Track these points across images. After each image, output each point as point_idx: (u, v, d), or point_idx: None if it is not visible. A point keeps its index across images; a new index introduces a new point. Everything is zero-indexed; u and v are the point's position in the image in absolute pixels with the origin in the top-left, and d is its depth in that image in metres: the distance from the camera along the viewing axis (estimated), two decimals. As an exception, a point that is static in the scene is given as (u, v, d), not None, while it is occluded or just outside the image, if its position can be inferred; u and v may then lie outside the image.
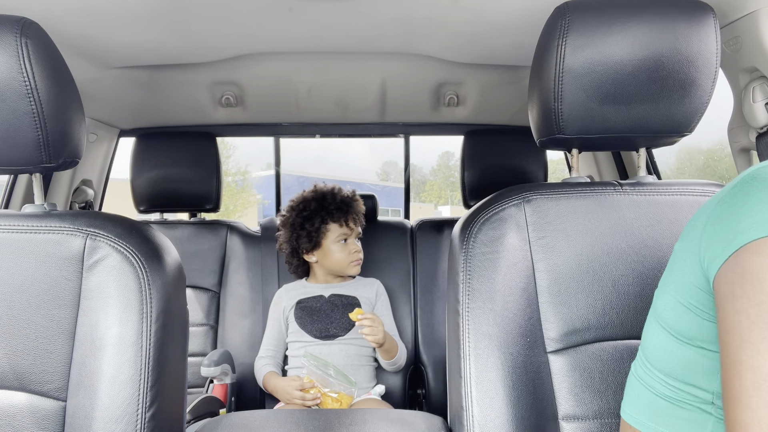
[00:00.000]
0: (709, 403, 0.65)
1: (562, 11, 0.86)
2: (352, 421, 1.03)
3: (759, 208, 0.58)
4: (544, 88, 0.89)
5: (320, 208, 1.60)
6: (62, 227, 0.84)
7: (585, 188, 0.93)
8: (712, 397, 0.64)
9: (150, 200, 1.86)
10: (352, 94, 1.77)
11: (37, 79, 0.80)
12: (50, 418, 0.80)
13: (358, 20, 1.23)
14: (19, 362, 0.81)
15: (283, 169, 2.34)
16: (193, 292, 1.77)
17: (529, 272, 0.88)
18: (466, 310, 0.86)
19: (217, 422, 1.05)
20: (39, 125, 0.81)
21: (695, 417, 0.66)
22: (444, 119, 2.01)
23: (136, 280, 0.82)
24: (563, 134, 0.90)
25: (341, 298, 1.62)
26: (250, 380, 1.66)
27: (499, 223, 0.89)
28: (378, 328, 1.44)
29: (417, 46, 1.40)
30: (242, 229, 1.89)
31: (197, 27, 1.24)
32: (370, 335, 1.43)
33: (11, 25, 0.79)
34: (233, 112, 1.87)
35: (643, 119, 0.88)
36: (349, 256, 1.61)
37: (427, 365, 1.73)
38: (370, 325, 1.43)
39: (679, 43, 0.84)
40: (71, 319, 0.81)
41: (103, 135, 1.98)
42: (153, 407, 0.80)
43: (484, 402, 0.82)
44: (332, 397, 1.41)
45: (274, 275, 1.80)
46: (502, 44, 1.36)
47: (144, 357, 0.80)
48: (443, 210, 31.88)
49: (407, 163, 2.28)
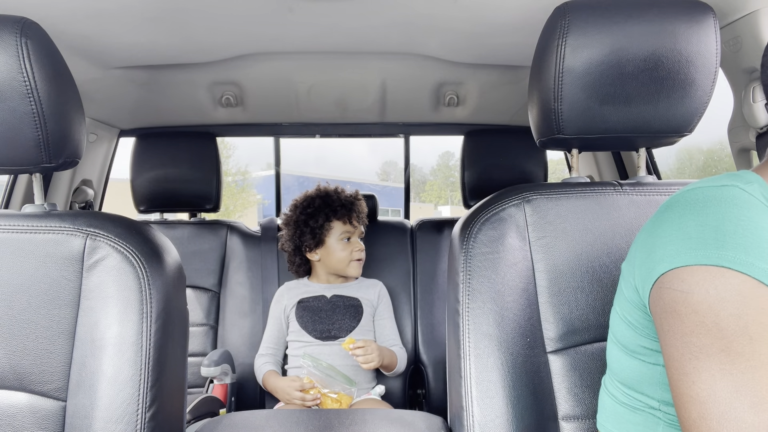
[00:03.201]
0: (657, 409, 0.67)
1: (562, 11, 0.86)
2: (352, 421, 1.03)
3: (671, 237, 0.58)
4: (543, 88, 0.89)
5: (324, 206, 1.61)
6: (62, 227, 0.84)
7: (585, 188, 0.93)
8: (659, 404, 0.67)
9: (150, 200, 1.86)
10: (352, 94, 1.78)
11: (37, 79, 0.80)
12: (50, 418, 0.80)
13: (358, 20, 1.23)
14: (19, 362, 0.81)
15: (283, 169, 2.34)
16: (193, 292, 1.77)
17: (529, 272, 0.88)
18: (466, 310, 0.86)
19: (217, 422, 1.05)
20: (39, 125, 0.81)
21: (648, 421, 0.68)
22: (444, 119, 2.01)
23: (136, 280, 0.82)
24: (563, 134, 0.90)
25: (343, 299, 1.62)
26: (250, 380, 1.66)
27: (499, 223, 0.89)
28: (371, 355, 1.43)
29: (417, 46, 1.40)
30: (242, 229, 1.89)
31: (197, 27, 1.24)
32: (364, 363, 1.43)
33: (11, 25, 0.79)
34: (233, 112, 1.87)
35: (643, 119, 0.88)
36: (352, 255, 1.61)
37: (427, 365, 1.73)
38: (363, 354, 1.42)
39: (679, 43, 0.84)
40: (71, 319, 0.81)
41: (103, 135, 1.98)
42: (153, 407, 0.80)
43: (484, 402, 0.82)
44: (332, 398, 1.41)
45: (274, 275, 1.80)
46: (502, 44, 1.36)
47: (144, 357, 0.80)
48: (443, 210, 31.87)
49: (407, 163, 2.29)
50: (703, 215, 0.57)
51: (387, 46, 1.40)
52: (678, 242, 0.57)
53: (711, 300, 0.53)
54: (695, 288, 0.54)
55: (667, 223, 0.60)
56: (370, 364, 1.43)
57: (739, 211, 0.56)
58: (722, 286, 0.53)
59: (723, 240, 0.54)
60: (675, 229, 0.58)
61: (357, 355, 1.42)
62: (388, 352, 1.53)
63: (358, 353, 1.42)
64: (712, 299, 0.53)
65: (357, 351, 1.42)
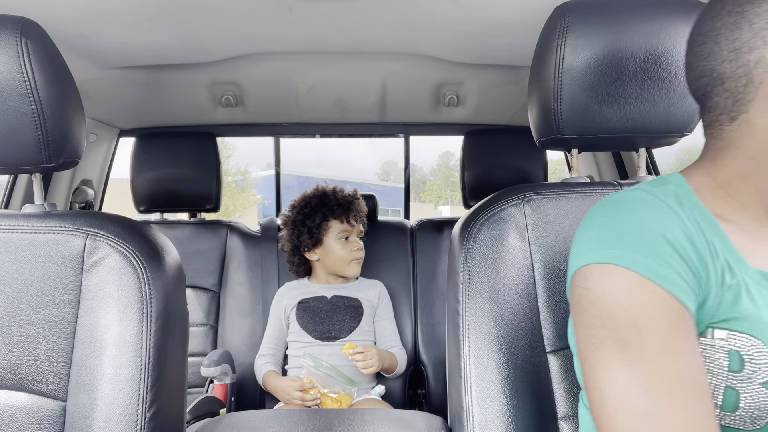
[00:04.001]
0: None
1: (562, 11, 0.86)
2: (352, 421, 1.03)
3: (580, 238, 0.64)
4: (543, 88, 0.89)
5: (321, 205, 1.61)
6: (62, 227, 0.84)
7: (585, 188, 0.93)
8: None
9: (150, 200, 1.86)
10: (352, 94, 1.78)
11: (37, 79, 0.80)
12: (50, 418, 0.80)
13: (358, 20, 1.23)
14: (19, 362, 0.81)
15: (283, 170, 2.34)
16: (193, 292, 1.77)
17: (529, 272, 0.88)
18: (466, 310, 0.86)
19: (217, 422, 1.05)
20: (39, 125, 0.81)
21: None
22: (444, 119, 2.01)
23: (136, 280, 0.82)
24: (563, 134, 0.90)
25: (343, 299, 1.62)
26: (250, 380, 1.66)
27: (498, 223, 0.89)
28: (371, 360, 1.43)
29: (417, 46, 1.40)
30: (242, 229, 1.89)
31: (197, 27, 1.24)
32: (364, 369, 1.43)
33: (11, 25, 0.79)
34: (233, 112, 1.87)
35: (643, 119, 0.88)
36: (350, 254, 1.61)
37: (427, 365, 1.73)
38: (363, 359, 1.43)
39: (679, 43, 0.84)
40: (71, 319, 0.81)
41: (103, 135, 1.98)
42: (153, 407, 0.80)
43: (484, 402, 0.82)
44: (332, 398, 1.41)
45: (274, 275, 1.80)
46: (502, 44, 1.36)
47: (144, 357, 0.80)
48: (443, 210, 31.88)
49: (407, 163, 2.29)
50: (605, 217, 0.63)
51: (387, 46, 1.40)
52: (584, 243, 0.63)
53: (605, 295, 0.58)
54: (593, 285, 0.59)
55: (582, 226, 0.66)
56: (370, 369, 1.43)
57: (634, 213, 0.61)
58: (613, 283, 0.58)
59: (615, 240, 0.59)
60: (583, 231, 0.64)
61: (356, 360, 1.43)
62: (388, 355, 1.53)
63: (357, 358, 1.42)
64: (606, 295, 0.58)
65: (356, 356, 1.43)
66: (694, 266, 0.58)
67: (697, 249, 0.59)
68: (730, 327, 0.59)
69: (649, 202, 0.62)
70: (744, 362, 0.58)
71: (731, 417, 0.59)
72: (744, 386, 0.58)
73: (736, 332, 0.58)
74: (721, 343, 0.59)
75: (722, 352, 0.59)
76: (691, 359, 0.55)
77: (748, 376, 0.58)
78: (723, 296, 0.59)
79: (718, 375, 0.59)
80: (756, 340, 0.58)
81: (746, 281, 0.59)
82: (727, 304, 0.59)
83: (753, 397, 0.58)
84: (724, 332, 0.59)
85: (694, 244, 0.59)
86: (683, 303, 0.56)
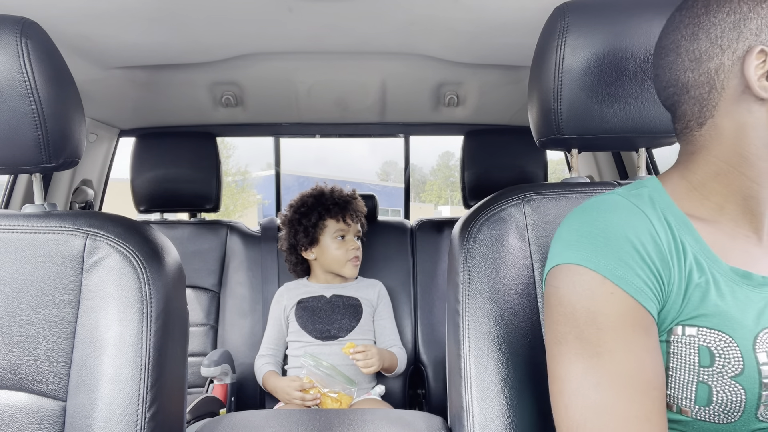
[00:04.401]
0: None
1: (561, 11, 0.86)
2: (352, 421, 1.03)
3: (560, 237, 0.67)
4: (543, 88, 0.89)
5: (317, 204, 1.62)
6: (62, 227, 0.84)
7: (585, 188, 0.93)
8: None
9: (150, 200, 1.86)
10: (352, 94, 1.78)
11: (37, 79, 0.80)
12: (50, 418, 0.80)
13: (358, 20, 1.23)
14: (19, 362, 0.81)
15: (283, 170, 2.34)
16: (193, 292, 1.77)
17: (529, 272, 0.88)
18: (466, 310, 0.86)
19: (217, 422, 1.05)
20: (39, 125, 0.81)
21: None
22: (444, 119, 2.01)
23: (136, 280, 0.82)
24: (563, 134, 0.90)
25: (343, 299, 1.62)
26: (250, 380, 1.66)
27: (498, 223, 0.89)
28: (372, 360, 1.43)
29: (417, 46, 1.40)
30: (242, 229, 1.89)
31: (197, 27, 1.24)
32: (364, 368, 1.43)
33: (11, 25, 0.79)
34: (233, 112, 1.87)
35: (643, 119, 0.88)
36: (347, 254, 1.61)
37: (427, 365, 1.73)
38: (363, 359, 1.43)
39: (679, 43, 0.84)
40: (71, 319, 0.81)
41: (103, 135, 1.98)
42: (153, 407, 0.80)
43: (484, 402, 0.82)
44: (332, 397, 1.41)
45: (274, 275, 1.80)
46: (502, 44, 1.36)
47: (144, 357, 0.80)
48: (443, 210, 31.88)
49: (407, 163, 2.29)
50: (576, 221, 0.66)
51: (387, 46, 1.40)
52: (557, 244, 0.67)
53: (569, 294, 0.62)
54: (560, 284, 0.64)
55: (559, 228, 0.69)
56: (371, 369, 1.43)
57: (603, 216, 0.64)
58: (577, 282, 0.62)
59: (582, 242, 0.63)
60: (559, 233, 0.68)
61: (357, 359, 1.43)
62: (388, 355, 1.53)
63: (358, 358, 1.43)
64: (570, 293, 0.62)
65: (357, 356, 1.43)
66: (655, 268, 0.61)
67: (661, 250, 0.62)
68: (699, 323, 0.61)
69: (620, 206, 0.65)
70: (714, 357, 0.60)
71: (706, 411, 0.61)
72: (715, 381, 0.60)
73: (705, 328, 0.61)
74: (691, 340, 0.61)
75: (692, 348, 0.61)
76: (645, 357, 0.59)
77: (718, 371, 0.60)
78: (690, 294, 0.61)
79: (689, 370, 0.61)
80: (725, 336, 0.60)
81: (716, 278, 0.62)
82: (695, 302, 0.61)
83: (725, 391, 0.60)
84: (694, 329, 0.61)
85: (659, 245, 0.62)
86: (641, 303, 0.60)
